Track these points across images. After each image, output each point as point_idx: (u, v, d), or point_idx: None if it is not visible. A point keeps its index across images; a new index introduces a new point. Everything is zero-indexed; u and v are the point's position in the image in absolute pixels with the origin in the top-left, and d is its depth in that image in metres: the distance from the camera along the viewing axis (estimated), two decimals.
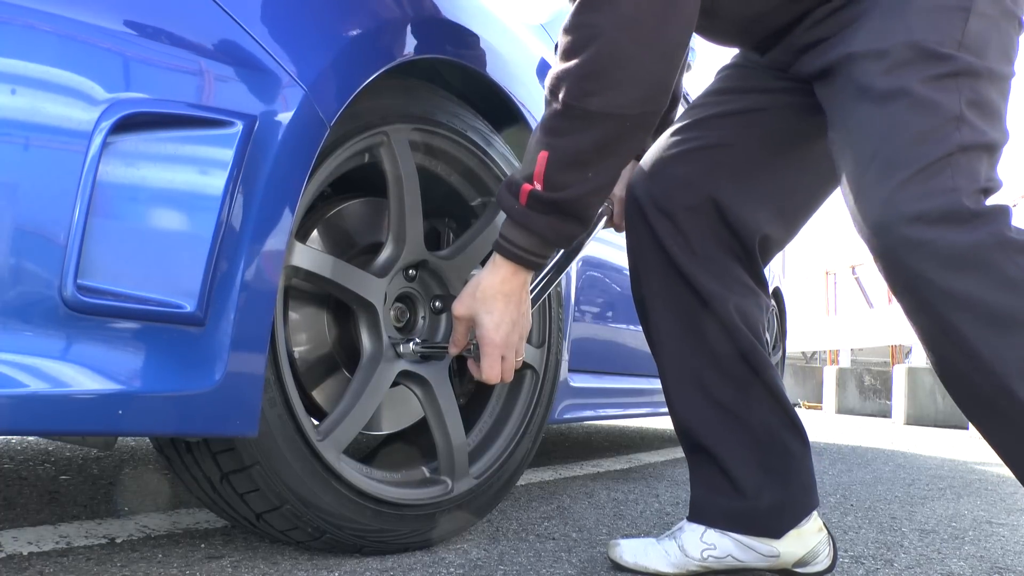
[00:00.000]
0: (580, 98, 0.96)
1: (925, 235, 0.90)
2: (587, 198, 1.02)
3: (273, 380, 1.04)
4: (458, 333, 1.16)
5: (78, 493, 1.57)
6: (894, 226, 0.92)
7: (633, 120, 0.98)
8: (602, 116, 0.97)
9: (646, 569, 1.20)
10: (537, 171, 1.01)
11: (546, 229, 1.04)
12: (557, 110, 0.99)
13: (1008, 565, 1.46)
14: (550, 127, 1.00)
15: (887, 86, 0.96)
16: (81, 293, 0.80)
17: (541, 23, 1.96)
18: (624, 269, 2.20)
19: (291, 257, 1.09)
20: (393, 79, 1.21)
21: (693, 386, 1.21)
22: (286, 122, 0.96)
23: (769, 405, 1.19)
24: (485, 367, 1.11)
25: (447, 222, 1.45)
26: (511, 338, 1.11)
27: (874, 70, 0.98)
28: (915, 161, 0.92)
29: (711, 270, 1.20)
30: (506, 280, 1.09)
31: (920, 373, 8.50)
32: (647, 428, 4.57)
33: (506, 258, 1.07)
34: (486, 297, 1.09)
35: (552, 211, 1.02)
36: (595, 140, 0.98)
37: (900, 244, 0.92)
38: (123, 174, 0.83)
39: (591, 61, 0.95)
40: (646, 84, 0.97)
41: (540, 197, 1.02)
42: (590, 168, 1.00)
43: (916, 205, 0.91)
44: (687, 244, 1.20)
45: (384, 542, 1.21)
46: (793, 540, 1.18)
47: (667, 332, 1.23)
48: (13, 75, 0.77)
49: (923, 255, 0.90)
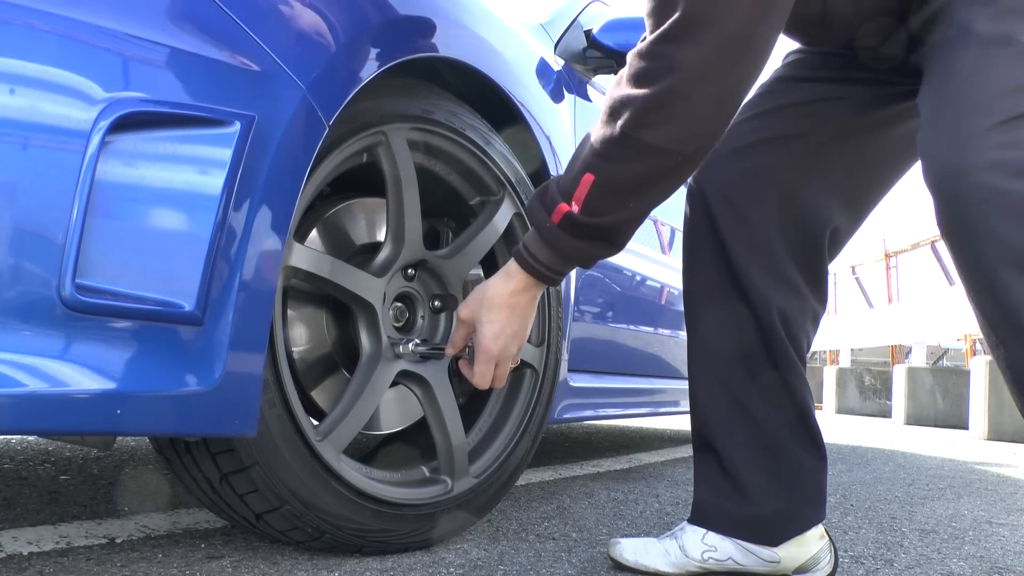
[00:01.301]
0: (639, 129, 0.93)
1: (1001, 185, 0.85)
2: (623, 226, 1.01)
3: (272, 380, 1.04)
4: (458, 335, 1.15)
5: (78, 493, 1.57)
6: (968, 171, 0.86)
7: (685, 156, 0.95)
8: (658, 150, 0.94)
9: (646, 568, 1.20)
10: (578, 193, 0.98)
11: (573, 250, 1.02)
12: (613, 136, 0.95)
13: (1008, 565, 1.46)
14: (602, 151, 0.97)
15: (992, 31, 0.91)
16: (79, 292, 0.80)
17: (541, 23, 1.96)
18: (624, 269, 2.21)
19: (290, 257, 1.09)
20: (392, 78, 1.21)
21: (719, 383, 1.20)
22: (285, 121, 0.96)
23: (790, 415, 1.18)
24: (476, 373, 1.11)
25: (446, 221, 1.45)
26: (509, 349, 1.11)
27: (982, 14, 0.93)
28: (1007, 109, 0.87)
29: (765, 267, 1.17)
30: (516, 292, 1.08)
31: (920, 373, 8.49)
32: (647, 428, 4.57)
33: (523, 269, 1.06)
34: (492, 305, 1.09)
35: (585, 235, 1.01)
36: (644, 172, 0.96)
37: (969, 191, 0.86)
38: (121, 173, 0.83)
39: (660, 94, 0.91)
40: (708, 124, 0.94)
41: (576, 220, 0.99)
42: (632, 198, 0.98)
43: (997, 153, 0.86)
44: (749, 238, 1.17)
45: (384, 542, 1.21)
46: (794, 546, 1.17)
47: (705, 326, 1.22)
48: (11, 74, 0.76)
49: (993, 206, 0.85)
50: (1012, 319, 0.86)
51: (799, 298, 1.19)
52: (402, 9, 1.18)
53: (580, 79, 2.00)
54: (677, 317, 2.67)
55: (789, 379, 1.17)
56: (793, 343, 1.18)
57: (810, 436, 1.19)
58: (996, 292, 0.86)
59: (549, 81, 1.72)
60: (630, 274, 2.26)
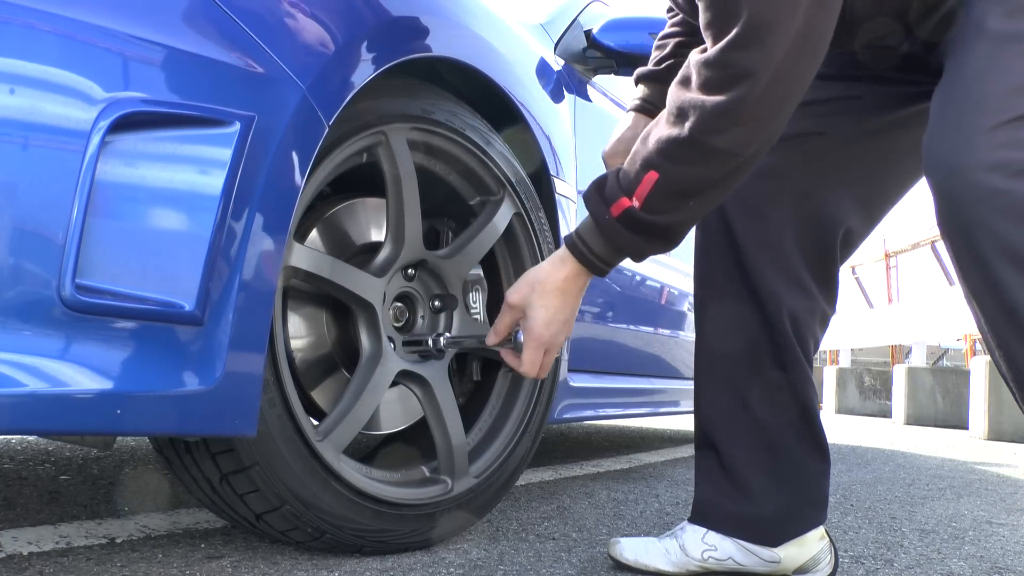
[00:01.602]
0: (709, 134, 0.94)
1: (1001, 185, 0.85)
2: (681, 226, 1.01)
3: (272, 380, 1.04)
4: (503, 323, 1.13)
5: (78, 493, 1.57)
6: (969, 170, 0.86)
7: (748, 158, 0.96)
8: (723, 153, 0.95)
9: (646, 567, 1.20)
10: (640, 190, 0.99)
11: (629, 244, 1.03)
12: (682, 138, 0.96)
13: (1008, 565, 1.46)
14: (667, 152, 0.97)
15: (1004, 28, 0.91)
16: (79, 292, 0.80)
17: (541, 23, 1.96)
18: (624, 269, 2.21)
19: (290, 257, 1.09)
20: (392, 78, 1.21)
21: (724, 381, 1.20)
22: (284, 122, 0.96)
23: (795, 415, 1.18)
24: (527, 360, 1.09)
25: (446, 221, 1.45)
26: (559, 337, 1.10)
27: (995, 12, 0.92)
28: (1010, 109, 0.86)
29: (777, 266, 1.17)
30: (569, 279, 1.08)
31: (920, 373, 8.49)
32: (647, 428, 4.57)
33: (576, 259, 1.06)
34: (545, 291, 1.08)
35: (643, 231, 1.01)
36: (709, 174, 0.97)
37: (970, 190, 0.86)
38: (121, 173, 0.83)
39: (732, 101, 0.91)
40: (772, 125, 0.95)
41: (636, 216, 1.00)
42: (693, 198, 0.99)
43: (999, 153, 0.85)
44: (762, 236, 1.17)
45: (384, 542, 1.21)
46: (795, 546, 1.17)
47: (713, 324, 1.22)
48: (11, 74, 0.76)
49: (993, 206, 0.85)
50: (1013, 318, 0.85)
51: (809, 299, 1.19)
52: (402, 9, 1.18)
53: (580, 79, 2.00)
54: (677, 317, 2.67)
55: (795, 380, 1.17)
56: (801, 344, 1.18)
57: (814, 438, 1.19)
58: (996, 291, 0.86)
59: (549, 81, 1.72)
60: (630, 274, 2.26)
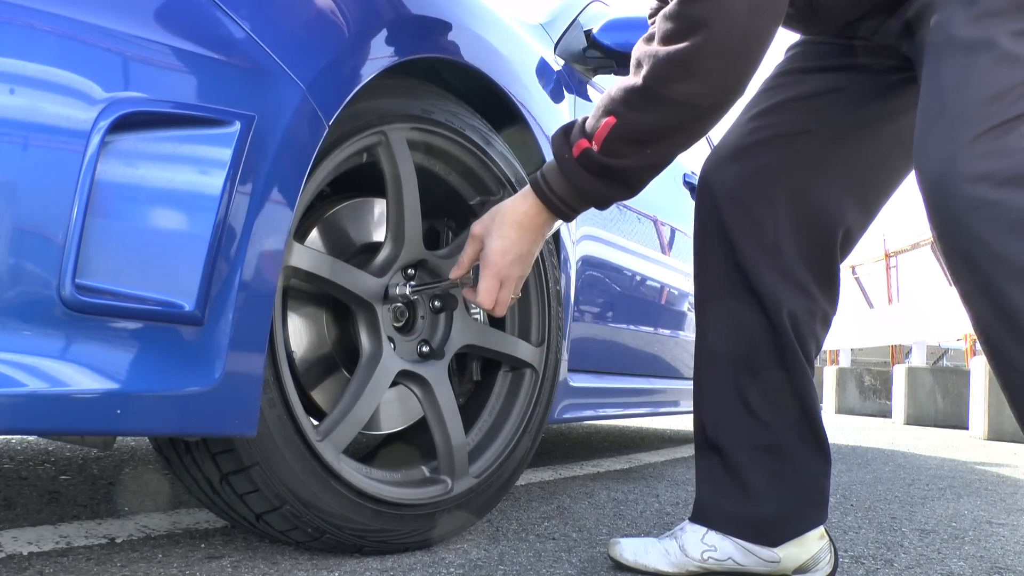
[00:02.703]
0: (662, 82, 0.97)
1: (989, 196, 0.86)
2: (639, 172, 1.04)
3: (272, 380, 1.04)
4: (466, 254, 1.15)
5: (78, 493, 1.57)
6: (956, 184, 0.87)
7: (705, 111, 0.99)
8: (678, 103, 0.98)
9: (646, 567, 1.20)
10: (599, 134, 1.02)
11: (588, 186, 1.05)
12: (637, 85, 0.99)
13: (1008, 565, 1.46)
14: (625, 98, 1.01)
15: (972, 36, 0.92)
16: (79, 292, 0.80)
17: (541, 23, 1.96)
18: (624, 269, 2.21)
19: (290, 257, 1.09)
20: (392, 78, 1.21)
21: (725, 381, 1.20)
22: (285, 121, 0.96)
23: (796, 416, 1.18)
24: (481, 288, 1.11)
25: (446, 221, 1.45)
26: (513, 268, 1.11)
27: (961, 18, 0.93)
28: (987, 119, 0.88)
29: (776, 267, 1.17)
30: (528, 215, 1.10)
31: (920, 373, 8.49)
32: (647, 428, 4.57)
33: (536, 195, 1.09)
34: (504, 222, 1.10)
35: (601, 174, 1.04)
36: (663, 123, 1.00)
37: (960, 204, 0.87)
38: (121, 173, 0.83)
39: (684, 51, 0.94)
40: (727, 78, 0.97)
41: (594, 158, 1.03)
42: (650, 146, 1.02)
43: (982, 164, 0.86)
44: (759, 237, 1.18)
45: (384, 542, 1.21)
46: (794, 546, 1.17)
47: (713, 325, 1.22)
48: (11, 74, 0.76)
49: (983, 216, 0.86)
50: (1011, 324, 0.86)
51: (809, 299, 1.19)
52: (402, 9, 1.18)
53: (580, 79, 2.00)
54: (677, 317, 2.67)
55: (796, 380, 1.17)
56: (801, 344, 1.18)
57: (815, 438, 1.19)
58: (992, 298, 0.87)
59: (549, 81, 1.72)
60: (630, 274, 2.26)
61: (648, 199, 2.15)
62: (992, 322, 0.88)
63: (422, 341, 1.31)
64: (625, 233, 2.20)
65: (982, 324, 0.90)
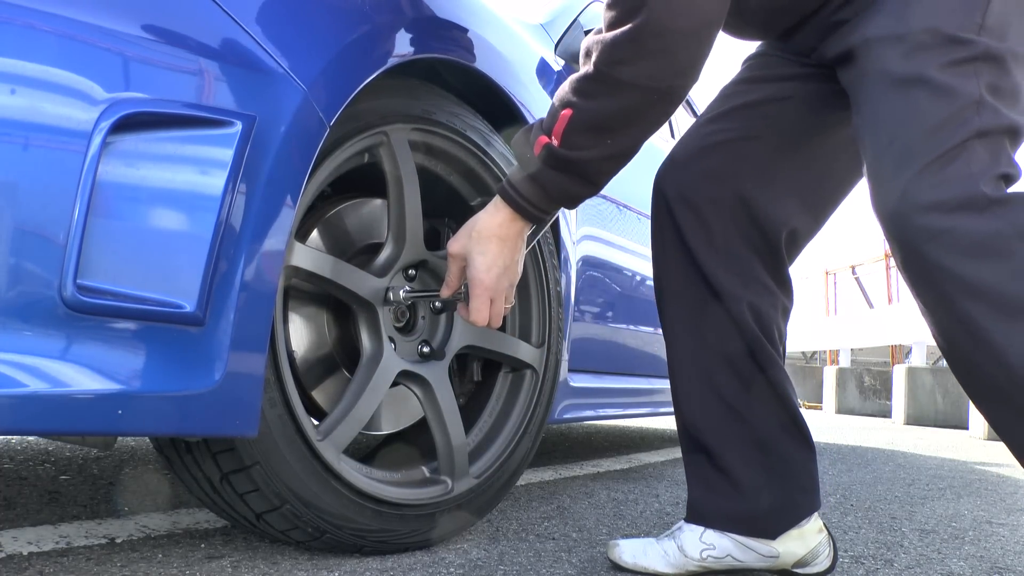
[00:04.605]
0: (611, 65, 0.97)
1: (942, 224, 0.88)
2: (602, 163, 1.03)
3: (273, 380, 1.04)
4: (451, 274, 1.15)
5: (78, 493, 1.57)
6: (910, 216, 0.90)
7: (660, 94, 0.98)
8: (630, 86, 0.97)
9: (645, 569, 1.20)
10: (557, 128, 1.01)
11: (552, 184, 1.04)
12: (588, 73, 0.99)
13: (1008, 565, 1.46)
14: (578, 88, 1.01)
15: (905, 72, 0.95)
16: (81, 293, 0.80)
17: (541, 23, 1.96)
18: (624, 269, 2.21)
19: (291, 257, 1.09)
20: (393, 79, 1.21)
21: (701, 382, 1.21)
22: (286, 122, 0.96)
23: (772, 406, 1.19)
24: (473, 308, 1.11)
25: (447, 222, 1.45)
26: (501, 282, 1.11)
27: (892, 55, 0.96)
28: (931, 150, 0.91)
29: (730, 266, 1.19)
30: (503, 224, 1.09)
31: (920, 373, 8.49)
32: (647, 428, 4.57)
33: (507, 203, 1.08)
34: (481, 238, 1.10)
35: (563, 169, 1.03)
36: (620, 108, 0.99)
37: (916, 234, 0.90)
38: (123, 174, 0.83)
39: (630, 31, 0.95)
40: (678, 59, 0.97)
41: (555, 153, 1.02)
42: (610, 135, 1.01)
43: (932, 194, 0.89)
44: (709, 238, 1.19)
45: (384, 542, 1.21)
46: (793, 540, 1.18)
47: (680, 327, 1.23)
48: (12, 75, 0.77)
49: (940, 244, 0.89)
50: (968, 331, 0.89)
51: (768, 293, 1.21)
52: (403, 10, 1.18)
53: None
54: None
55: (769, 373, 1.19)
56: (768, 337, 1.19)
57: (796, 427, 1.20)
58: (952, 312, 0.90)
59: (549, 81, 1.72)
60: (630, 274, 2.26)
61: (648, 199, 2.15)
62: (953, 330, 0.92)
63: (423, 341, 1.31)
64: (625, 233, 2.20)
65: (944, 332, 0.94)
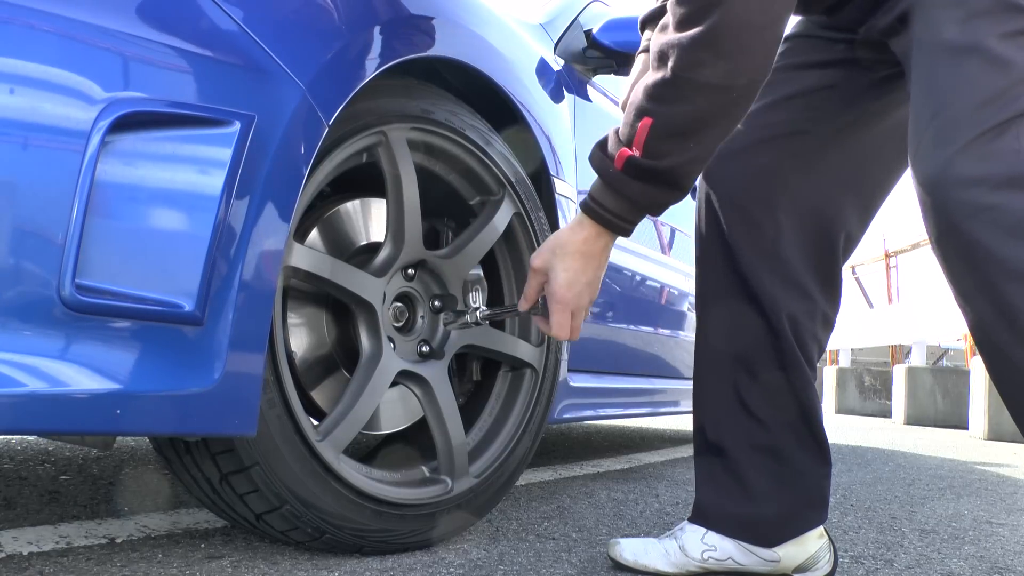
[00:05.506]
0: (691, 69, 0.94)
1: (986, 200, 0.86)
2: (686, 167, 1.01)
3: (272, 380, 1.04)
4: (531, 287, 1.15)
5: (78, 493, 1.57)
6: (951, 189, 0.88)
7: (739, 91, 0.96)
8: (711, 87, 0.95)
9: (646, 568, 1.20)
10: (638, 138, 0.99)
11: (640, 195, 1.03)
12: (666, 78, 0.96)
13: (1008, 565, 1.46)
14: (656, 94, 0.98)
15: (960, 39, 0.92)
16: (79, 292, 0.80)
17: (541, 23, 1.96)
18: (624, 269, 2.21)
19: (290, 257, 1.08)
20: (392, 78, 1.21)
21: (726, 384, 1.20)
22: (284, 121, 0.96)
23: (795, 418, 1.18)
24: (555, 323, 1.10)
25: (446, 221, 1.45)
26: (582, 299, 1.11)
27: (948, 21, 0.93)
28: (981, 122, 0.88)
29: (775, 271, 1.17)
30: (588, 240, 1.09)
31: (920, 373, 8.48)
32: (647, 428, 4.57)
33: (593, 220, 1.07)
34: (565, 253, 1.09)
35: (649, 178, 1.01)
36: (701, 110, 0.97)
37: (957, 208, 0.87)
38: (121, 173, 0.83)
39: (706, 32, 0.91)
40: (756, 54, 0.94)
41: (639, 164, 1.00)
42: (692, 138, 0.99)
43: (977, 168, 0.87)
44: (755, 240, 1.17)
45: (384, 542, 1.21)
46: (794, 546, 1.18)
47: (712, 328, 1.22)
48: (11, 74, 0.77)
49: (981, 222, 0.86)
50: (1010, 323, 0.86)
51: (809, 302, 1.19)
52: (402, 9, 1.18)
53: (580, 79, 2.00)
54: (677, 317, 2.67)
55: (795, 382, 1.17)
56: (801, 347, 1.18)
57: (815, 440, 1.19)
58: (992, 299, 0.87)
59: (549, 81, 1.72)
60: (630, 274, 2.26)
61: None
62: (992, 321, 0.89)
63: (422, 341, 1.31)
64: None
65: (981, 324, 0.90)
